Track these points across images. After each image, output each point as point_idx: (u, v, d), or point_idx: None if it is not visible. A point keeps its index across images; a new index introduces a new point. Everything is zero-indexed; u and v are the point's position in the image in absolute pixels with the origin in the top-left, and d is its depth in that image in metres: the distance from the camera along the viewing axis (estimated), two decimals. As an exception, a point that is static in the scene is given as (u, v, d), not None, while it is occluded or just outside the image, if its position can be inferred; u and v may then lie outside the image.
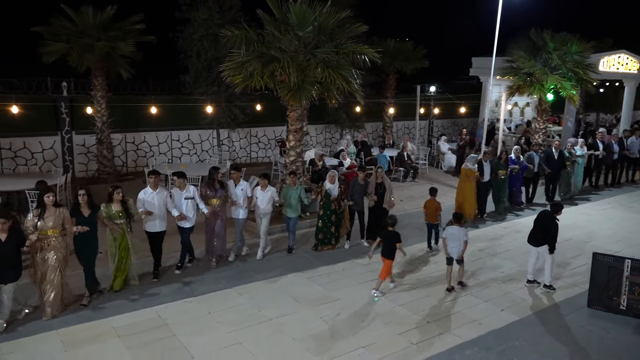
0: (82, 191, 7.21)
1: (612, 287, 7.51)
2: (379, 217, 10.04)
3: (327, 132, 20.68)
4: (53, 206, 6.83)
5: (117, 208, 7.51)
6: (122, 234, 7.58)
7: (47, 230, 6.75)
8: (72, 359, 6.02)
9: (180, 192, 8.42)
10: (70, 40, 13.33)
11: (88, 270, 7.42)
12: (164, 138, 16.74)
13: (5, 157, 14.16)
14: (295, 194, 9.55)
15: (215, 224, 8.87)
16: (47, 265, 6.80)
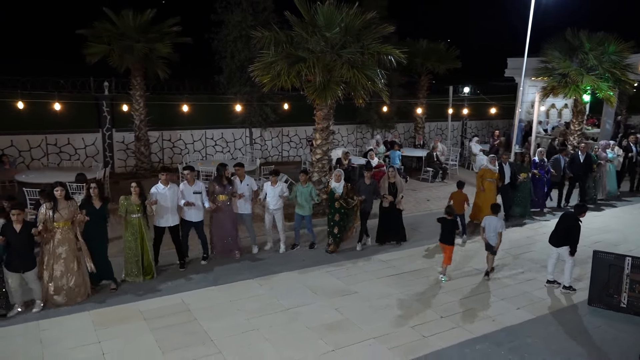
0: (93, 184, 7.53)
1: (612, 285, 7.51)
2: (395, 218, 10.13)
3: (359, 132, 20.86)
4: (64, 199, 7.11)
5: (135, 202, 7.83)
6: (139, 228, 7.88)
7: (60, 222, 7.03)
8: (101, 337, 6.47)
9: (190, 187, 8.66)
10: (112, 42, 14.05)
11: (101, 260, 7.63)
12: (199, 136, 17.34)
13: (51, 152, 15.04)
14: (305, 192, 9.64)
15: (225, 221, 9.06)
16: (56, 257, 7.08)
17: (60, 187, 7.07)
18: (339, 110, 17.78)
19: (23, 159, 14.62)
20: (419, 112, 20.61)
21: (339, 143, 20.34)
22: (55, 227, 7.02)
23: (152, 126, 15.86)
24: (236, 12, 15.58)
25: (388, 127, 20.11)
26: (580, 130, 16.64)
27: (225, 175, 9.16)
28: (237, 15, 15.56)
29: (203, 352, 6.22)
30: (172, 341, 6.43)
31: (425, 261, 9.56)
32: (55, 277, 7.10)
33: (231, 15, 15.65)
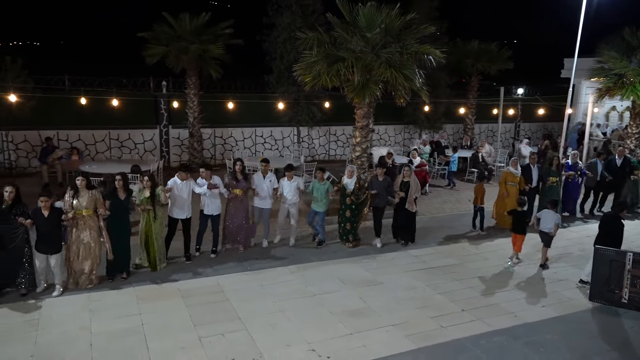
0: (118, 176, 7.98)
1: (614, 281, 7.48)
2: (405, 217, 10.19)
3: (406, 133, 20.96)
4: (86, 188, 7.60)
5: (146, 195, 8.21)
6: (147, 221, 8.26)
7: (82, 210, 7.51)
8: (142, 309, 7.15)
9: (206, 182, 8.97)
10: (169, 44, 15.02)
11: (121, 249, 8.05)
12: (249, 134, 18.11)
13: (113, 147, 16.26)
14: (322, 189, 9.79)
15: (238, 215, 9.38)
16: (82, 243, 7.67)
17: (82, 178, 7.61)
18: (386, 111, 18.13)
19: (89, 152, 15.88)
20: (468, 113, 20.45)
21: (385, 143, 20.55)
22: (77, 214, 7.56)
23: (205, 123, 16.75)
24: (286, 15, 16.17)
25: (435, 128, 20.07)
26: (638, 133, 15.97)
27: (240, 170, 9.38)
28: (287, 17, 16.14)
29: (230, 327, 6.75)
30: (204, 317, 7.00)
31: (457, 258, 9.69)
32: (76, 262, 7.69)
33: (281, 18, 16.25)
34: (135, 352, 6.11)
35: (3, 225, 7.17)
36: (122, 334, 6.51)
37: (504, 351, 6.45)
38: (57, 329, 6.57)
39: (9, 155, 14.87)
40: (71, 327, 6.64)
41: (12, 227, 7.19)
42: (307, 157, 18.71)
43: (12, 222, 7.17)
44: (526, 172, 11.42)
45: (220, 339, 6.47)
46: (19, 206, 7.28)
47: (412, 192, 10.04)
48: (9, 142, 14.78)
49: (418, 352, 6.35)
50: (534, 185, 11.54)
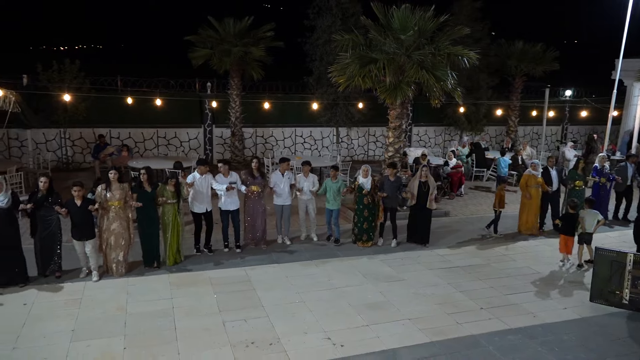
0: (142, 170, 8.45)
1: (614, 282, 7.42)
2: (422, 218, 10.20)
3: (446, 134, 20.86)
4: (117, 182, 8.13)
5: (170, 189, 8.64)
6: (173, 214, 8.62)
7: (114, 202, 8.03)
8: (174, 294, 7.68)
9: (225, 178, 9.35)
10: (213, 46, 15.71)
11: (150, 239, 8.56)
12: (289, 133, 18.61)
13: (160, 144, 17.15)
14: (335, 187, 9.96)
15: (256, 211, 9.68)
16: (113, 232, 8.15)
17: (114, 171, 8.17)
18: (426, 112, 18.16)
19: (138, 149, 16.84)
20: (511, 114, 20.13)
21: (425, 144, 20.54)
22: (109, 205, 8.13)
23: (247, 123, 17.37)
24: (326, 17, 16.55)
25: (476, 130, 19.88)
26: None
27: (257, 167, 9.64)
28: (326, 20, 16.52)
29: (253, 314, 7.15)
30: (229, 303, 7.45)
31: (484, 258, 9.72)
32: (107, 250, 8.25)
33: (321, 20, 16.65)
34: (164, 332, 6.62)
35: (40, 212, 7.82)
36: (154, 315, 7.04)
37: (517, 349, 6.52)
38: (97, 309, 7.18)
39: (66, 151, 16.00)
40: (109, 307, 7.25)
41: (47, 214, 7.86)
42: (345, 157, 19.03)
43: (47, 210, 7.83)
44: (545, 175, 11.19)
45: (242, 324, 6.88)
46: (52, 195, 7.91)
47: (432, 191, 10.10)
48: (66, 139, 15.90)
49: (430, 346, 6.52)
50: (554, 189, 11.29)
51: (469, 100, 18.54)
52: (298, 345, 6.42)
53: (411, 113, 19.97)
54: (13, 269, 7.74)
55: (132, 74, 17.11)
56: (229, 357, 6.10)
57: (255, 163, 9.76)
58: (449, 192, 14.51)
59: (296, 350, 6.28)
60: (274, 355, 6.19)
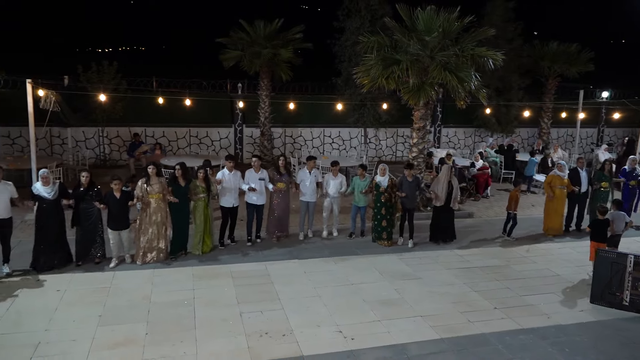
0: (177, 166, 9.01)
1: (615, 283, 7.41)
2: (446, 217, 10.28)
3: (477, 136, 20.67)
4: (156, 176, 8.68)
5: (201, 184, 9.16)
6: (204, 207, 9.17)
7: (154, 194, 8.59)
8: (196, 286, 8.05)
9: (255, 173, 9.79)
10: (244, 48, 16.11)
11: (181, 229, 9.08)
12: (318, 134, 18.87)
13: (193, 143, 17.72)
14: (363, 185, 10.20)
15: (280, 207, 10.07)
16: (151, 222, 8.72)
17: (153, 167, 8.68)
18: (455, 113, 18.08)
19: (171, 148, 17.44)
20: (543, 116, 19.79)
21: (455, 146, 20.43)
22: (150, 197, 8.65)
23: (276, 123, 17.72)
24: (355, 19, 16.72)
25: (507, 131, 19.63)
26: None
27: (283, 165, 10.02)
28: (355, 21, 16.69)
29: (269, 307, 7.43)
30: (248, 296, 7.75)
31: (503, 259, 9.71)
32: (149, 239, 8.77)
33: (350, 22, 16.83)
34: (184, 320, 6.97)
35: (82, 205, 8.42)
36: (176, 304, 7.41)
37: (526, 348, 6.56)
38: (124, 297, 7.61)
39: (104, 148, 16.74)
40: (135, 295, 7.66)
41: (88, 207, 8.44)
42: (373, 157, 19.15)
43: (88, 202, 8.41)
44: (574, 175, 11.07)
45: (258, 315, 7.17)
46: (93, 189, 8.50)
47: (455, 191, 10.19)
48: (104, 137, 16.64)
49: (439, 342, 6.64)
50: (583, 190, 11.15)
51: (499, 101, 18.37)
52: (310, 337, 6.65)
53: (440, 114, 19.93)
54: (58, 255, 8.40)
55: (167, 75, 17.73)
56: (243, 346, 6.39)
57: (282, 161, 10.15)
58: (475, 193, 14.45)
59: (307, 342, 6.52)
60: (285, 345, 6.44)
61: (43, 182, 8.16)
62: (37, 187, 8.22)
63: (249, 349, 6.33)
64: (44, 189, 8.16)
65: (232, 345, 6.38)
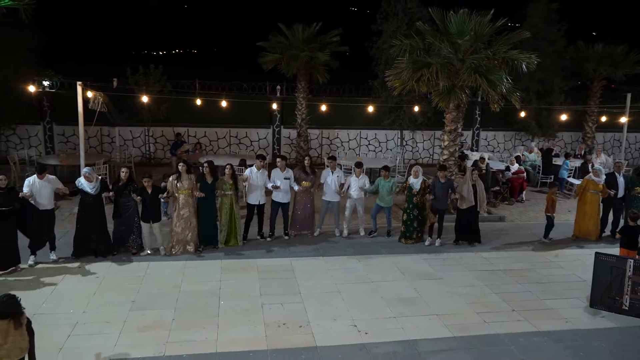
0: (205, 164, 9.55)
1: (614, 287, 7.35)
2: (470, 220, 10.29)
3: (517, 140, 20.33)
4: (186, 173, 9.22)
5: (228, 181, 9.61)
6: (230, 204, 9.62)
7: (183, 190, 9.14)
8: (223, 278, 8.50)
9: (281, 173, 10.17)
10: (282, 52, 16.60)
11: (209, 223, 9.53)
12: (354, 135, 19.12)
13: (232, 143, 18.37)
14: (387, 186, 10.41)
15: (305, 205, 10.34)
16: (179, 217, 9.21)
17: (183, 164, 9.25)
18: (494, 116, 17.87)
19: (212, 147, 18.15)
20: (588, 120, 19.26)
21: (493, 149, 20.18)
22: (179, 193, 9.20)
23: (313, 125, 18.11)
24: (392, 22, 16.88)
25: (548, 135, 19.21)
26: None
27: (309, 165, 10.38)
28: (392, 24, 16.84)
29: (290, 299, 7.77)
30: (270, 288, 8.13)
31: (529, 263, 9.67)
32: (177, 232, 9.30)
33: (388, 25, 17.00)
34: (209, 308, 7.41)
35: (121, 198, 9.07)
36: (203, 294, 7.87)
37: (539, 350, 6.60)
38: (156, 285, 8.15)
39: (149, 147, 17.62)
40: (167, 284, 8.18)
41: (126, 200, 9.09)
42: (409, 160, 19.20)
43: (127, 196, 9.06)
44: (611, 180, 10.84)
45: (278, 307, 7.52)
46: (131, 184, 9.15)
47: (480, 194, 10.17)
48: (149, 137, 17.52)
49: (451, 340, 6.78)
50: (620, 195, 10.90)
51: (540, 104, 18.03)
52: (325, 329, 6.94)
53: (479, 117, 19.75)
54: (97, 245, 9.06)
55: (210, 77, 18.45)
56: (260, 334, 6.75)
57: (308, 161, 10.51)
58: (509, 197, 14.30)
59: (322, 333, 6.81)
60: (301, 335, 6.76)
61: (86, 180, 8.86)
62: (82, 182, 8.91)
63: (266, 337, 6.68)
64: (88, 185, 8.84)
65: (250, 334, 6.76)
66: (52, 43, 18.39)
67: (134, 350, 6.28)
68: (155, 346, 6.38)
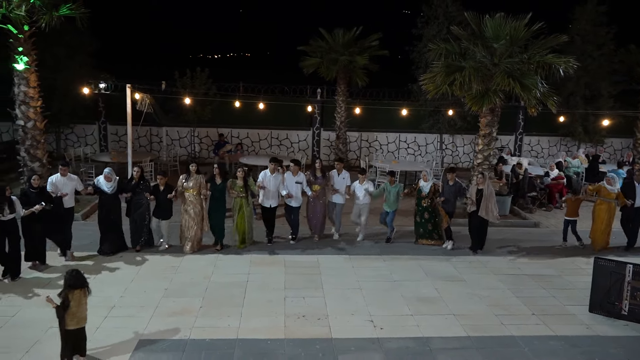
0: (215, 165, 9.92)
1: (613, 292, 7.26)
2: (477, 225, 10.14)
3: (562, 145, 19.82)
4: (195, 173, 9.54)
5: (240, 183, 9.81)
6: (240, 205, 9.78)
7: (190, 190, 9.49)
8: (251, 271, 8.94)
9: (293, 177, 10.27)
10: (323, 55, 16.99)
11: (217, 223, 9.80)
12: (393, 139, 19.26)
13: (273, 144, 18.93)
14: (393, 191, 10.41)
15: (316, 208, 10.44)
16: (190, 215, 9.57)
17: (195, 164, 9.65)
18: (539, 121, 17.58)
19: (254, 148, 18.78)
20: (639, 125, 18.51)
21: (537, 155, 19.77)
22: (186, 192, 9.54)
23: (352, 127, 18.39)
24: (432, 26, 16.93)
25: (596, 141, 18.61)
26: None
27: (319, 168, 10.49)
28: (433, 29, 16.89)
29: (312, 293, 8.11)
30: (295, 283, 8.49)
31: (558, 269, 9.57)
32: (183, 229, 9.72)
33: (428, 29, 17.06)
34: (235, 299, 7.86)
35: (133, 196, 9.55)
36: (231, 285, 8.33)
37: (553, 354, 6.61)
38: (188, 275, 8.69)
39: (194, 147, 18.44)
40: (198, 275, 8.71)
41: (139, 198, 9.56)
42: (449, 164, 19.14)
43: (139, 194, 9.52)
44: (629, 189, 10.43)
45: (299, 300, 7.87)
46: (143, 182, 9.63)
47: (487, 200, 9.95)
48: (194, 137, 18.34)
49: (464, 339, 6.90)
50: (638, 205, 10.43)
51: (586, 109, 17.55)
52: (342, 322, 7.23)
53: (522, 122, 19.40)
54: (116, 241, 9.58)
55: (254, 80, 19.12)
56: (280, 324, 7.12)
57: (319, 164, 10.77)
58: (547, 203, 14.05)
59: (338, 326, 7.10)
60: (318, 327, 7.07)
61: (105, 179, 9.34)
62: (100, 181, 9.38)
63: (285, 327, 7.04)
64: (105, 184, 9.31)
65: (271, 323, 7.13)
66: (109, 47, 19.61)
67: (162, 333, 6.79)
68: (181, 330, 6.87)
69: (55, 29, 11.00)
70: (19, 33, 10.84)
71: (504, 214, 12.81)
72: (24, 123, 11.54)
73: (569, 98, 17.70)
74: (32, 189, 8.51)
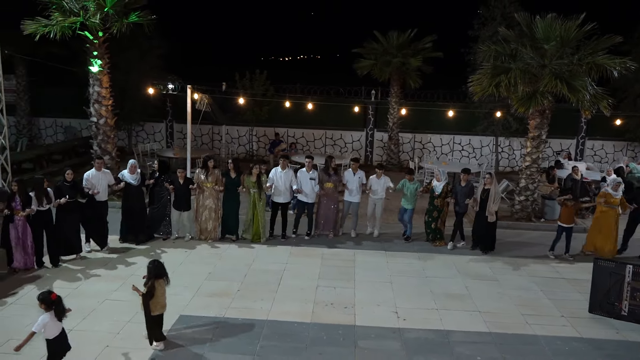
0: (230, 160, 10.37)
1: (613, 293, 7.14)
2: (484, 225, 10.07)
3: (629, 150, 18.88)
4: (213, 168, 10.07)
5: (253, 180, 10.11)
6: (253, 200, 10.12)
7: (207, 183, 10.03)
8: (289, 261, 9.49)
9: (307, 173, 10.53)
10: (377, 57, 17.31)
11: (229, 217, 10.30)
12: (447, 140, 19.19)
13: (327, 144, 19.45)
14: (412, 188, 10.51)
15: (329, 205, 10.65)
16: (206, 207, 10.14)
17: (212, 160, 10.18)
18: (603, 125, 16.97)
19: (309, 147, 19.41)
20: None
21: (601, 160, 18.96)
22: (204, 185, 10.08)
23: (406, 129, 18.55)
24: (489, 28, 16.76)
25: (664, 146, 17.63)
26: None
27: (332, 166, 10.71)
28: (489, 30, 16.72)
29: (343, 284, 8.52)
30: (328, 274, 8.94)
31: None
32: (201, 220, 10.29)
33: (485, 30, 16.91)
34: (270, 285, 8.43)
35: (155, 187, 10.21)
36: (268, 273, 8.92)
37: (574, 354, 6.62)
38: (231, 262, 9.38)
39: (252, 145, 19.35)
40: (240, 262, 9.37)
41: (160, 190, 10.24)
42: (505, 167, 18.83)
43: (161, 186, 10.18)
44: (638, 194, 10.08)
45: (330, 290, 8.31)
46: (166, 175, 10.24)
47: (491, 201, 9.89)
48: (252, 136, 19.24)
49: (485, 335, 7.04)
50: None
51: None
52: (367, 312, 7.59)
53: (584, 125, 18.70)
54: (142, 231, 10.20)
55: (309, 81, 19.76)
56: (308, 310, 7.60)
57: (332, 162, 11.10)
58: (601, 209, 13.54)
59: (363, 315, 7.48)
60: (343, 315, 7.49)
61: (130, 171, 9.97)
62: (125, 174, 10.02)
63: (312, 313, 7.51)
64: (130, 176, 9.96)
65: (300, 308, 7.63)
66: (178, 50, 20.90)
67: (201, 311, 7.48)
68: (218, 309, 7.52)
69: (126, 35, 12.11)
70: (94, 39, 12.03)
71: (552, 218, 12.58)
72: (96, 120, 12.76)
73: (636, 100, 16.92)
74: (65, 182, 8.98)
